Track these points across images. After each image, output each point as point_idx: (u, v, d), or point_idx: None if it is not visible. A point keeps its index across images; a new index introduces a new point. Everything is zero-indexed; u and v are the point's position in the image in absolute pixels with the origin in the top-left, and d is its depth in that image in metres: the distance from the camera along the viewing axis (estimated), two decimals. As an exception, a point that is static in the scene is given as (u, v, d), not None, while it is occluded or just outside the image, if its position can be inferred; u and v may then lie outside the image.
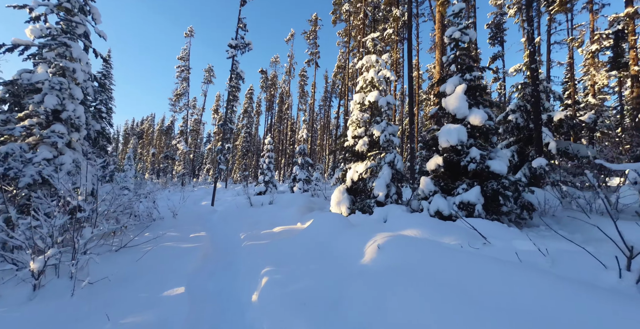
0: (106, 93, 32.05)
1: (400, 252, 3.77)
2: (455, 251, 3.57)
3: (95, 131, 9.84)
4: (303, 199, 11.78)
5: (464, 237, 4.29)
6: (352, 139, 8.19)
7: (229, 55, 15.43)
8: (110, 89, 32.05)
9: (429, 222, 4.93)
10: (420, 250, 3.69)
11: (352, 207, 7.61)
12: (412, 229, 4.71)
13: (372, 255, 3.98)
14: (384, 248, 3.93)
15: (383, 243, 4.04)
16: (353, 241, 4.75)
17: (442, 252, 3.54)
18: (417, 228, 4.70)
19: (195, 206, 15.38)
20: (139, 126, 64.09)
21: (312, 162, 19.61)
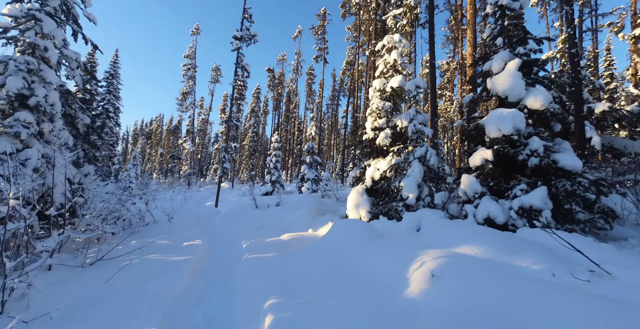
0: (114, 93, 31.44)
1: (469, 284, 2.49)
2: (556, 287, 2.28)
3: (85, 125, 8.76)
4: (313, 200, 10.54)
5: (547, 259, 2.98)
6: (372, 131, 6.91)
7: (233, 47, 14.30)
8: (117, 89, 31.43)
9: (486, 234, 3.63)
10: (500, 283, 2.40)
11: (374, 211, 6.33)
12: (468, 245, 3.41)
13: (423, 285, 2.71)
14: (441, 276, 2.65)
15: (438, 268, 2.77)
16: (387, 260, 3.49)
17: (537, 288, 2.25)
18: (474, 244, 3.41)
19: (198, 207, 14.27)
20: (147, 127, 63.76)
21: (321, 161, 18.35)
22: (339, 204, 11.14)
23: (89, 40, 8.91)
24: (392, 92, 6.85)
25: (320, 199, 11.49)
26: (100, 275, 4.14)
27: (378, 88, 7.04)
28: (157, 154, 53.87)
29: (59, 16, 8.30)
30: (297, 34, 28.47)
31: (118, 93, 30.69)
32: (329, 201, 11.49)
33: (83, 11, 8.56)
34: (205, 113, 42.33)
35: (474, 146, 5.38)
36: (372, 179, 6.58)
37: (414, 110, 5.95)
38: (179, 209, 11.88)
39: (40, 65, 5.54)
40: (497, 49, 5.48)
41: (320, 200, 10.89)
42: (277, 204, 11.02)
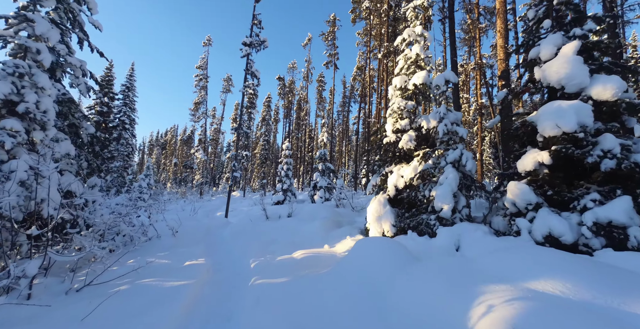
0: (129, 105, 31.79)
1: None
2: None
3: (89, 134, 8.30)
4: (327, 210, 9.71)
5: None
6: (393, 134, 6.09)
7: (243, 53, 13.88)
8: (133, 101, 31.80)
9: (562, 260, 2.71)
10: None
11: (399, 225, 5.45)
12: (544, 278, 2.51)
13: (500, 346, 1.85)
14: (530, 335, 1.79)
15: (519, 318, 1.90)
16: (432, 295, 2.63)
17: None
18: (552, 275, 2.50)
19: (207, 218, 13.64)
20: (162, 137, 64.80)
21: (334, 169, 17.55)
22: (355, 214, 10.26)
23: (95, 47, 8.56)
24: (415, 90, 6.04)
25: (335, 208, 10.64)
26: (80, 308, 3.43)
27: (399, 86, 6.25)
28: (171, 164, 54.37)
29: (64, 24, 8.00)
30: (307, 42, 28.19)
31: (134, 105, 31.04)
32: (344, 210, 10.63)
33: (88, 18, 8.23)
34: (218, 123, 42.47)
35: (519, 148, 4.48)
36: (396, 187, 5.72)
37: (444, 108, 5.11)
38: (186, 221, 11.28)
39: (32, 69, 5.03)
40: (542, 34, 4.62)
41: (334, 210, 10.05)
42: (289, 215, 10.24)
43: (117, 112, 30.36)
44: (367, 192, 6.40)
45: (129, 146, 30.84)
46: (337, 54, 23.44)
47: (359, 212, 10.52)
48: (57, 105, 7.42)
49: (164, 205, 14.33)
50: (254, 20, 13.98)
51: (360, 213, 10.39)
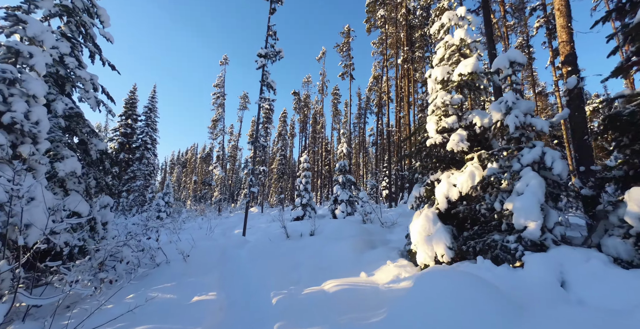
0: (151, 126, 32.34)
1: None
2: None
3: (99, 151, 7.70)
4: (353, 227, 8.52)
5: None
6: (438, 134, 4.98)
7: (258, 65, 13.39)
8: (155, 121, 32.37)
9: None
10: None
11: (458, 247, 4.24)
12: None
13: None
14: None
15: None
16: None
17: None
18: None
19: (224, 237, 12.71)
20: (183, 156, 66.10)
21: (355, 181, 16.40)
22: (386, 231, 9.00)
23: (106, 60, 8.15)
24: (461, 81, 4.97)
25: (362, 225, 9.41)
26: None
27: (440, 78, 5.20)
28: (191, 181, 54.90)
29: (75, 37, 7.65)
30: (321, 56, 27.95)
31: (155, 125, 31.56)
32: (373, 227, 9.38)
33: (99, 30, 7.87)
34: (235, 139, 42.65)
35: (630, 141, 3.27)
36: (448, 199, 4.54)
37: (512, 95, 3.97)
38: (202, 241, 10.38)
39: (23, 74, 4.40)
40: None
41: (362, 226, 8.84)
42: (312, 233, 9.10)
43: (140, 133, 30.89)
44: (410, 205, 5.24)
45: (150, 165, 31.08)
46: (352, 65, 22.86)
47: (389, 228, 9.26)
48: (63, 120, 6.91)
49: (180, 224, 13.61)
50: (268, 32, 13.56)
51: (392, 230, 9.12)
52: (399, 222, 9.42)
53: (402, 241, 7.06)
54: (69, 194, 6.88)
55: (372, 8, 20.17)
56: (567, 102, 5.03)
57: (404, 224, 9.39)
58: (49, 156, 6.62)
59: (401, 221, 9.57)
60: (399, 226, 9.28)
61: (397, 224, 9.33)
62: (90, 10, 7.90)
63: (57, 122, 6.58)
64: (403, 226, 9.23)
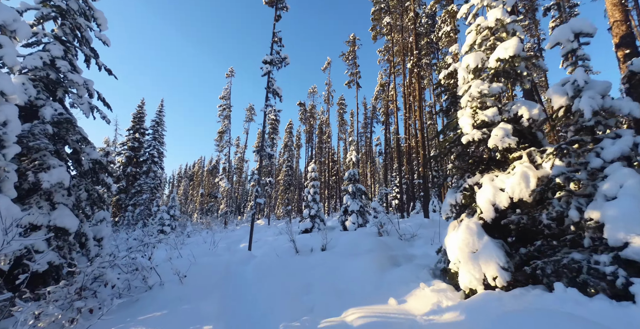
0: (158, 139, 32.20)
1: None
2: None
3: (92, 160, 7.03)
4: (370, 241, 7.59)
5: None
6: (476, 130, 4.16)
7: (263, 72, 12.90)
8: (162, 135, 32.23)
9: None
10: None
11: (516, 268, 3.32)
12: None
13: None
14: None
15: None
16: None
17: None
18: None
19: (229, 252, 11.81)
20: (190, 169, 66.03)
21: (365, 190, 15.48)
22: (406, 244, 8.03)
23: (103, 65, 7.63)
24: (499, 68, 4.19)
25: (377, 238, 8.45)
26: None
27: (473, 66, 4.43)
28: (198, 194, 54.39)
29: (70, 40, 7.17)
30: (326, 66, 27.71)
31: (162, 139, 31.38)
32: (390, 240, 8.40)
33: (95, 33, 7.39)
34: (241, 151, 42.29)
35: None
36: (495, 207, 3.66)
37: (582, 73, 3.15)
38: (204, 257, 9.53)
39: (-10, 68, 3.77)
40: None
41: (378, 239, 7.88)
42: (323, 248, 8.17)
43: (147, 147, 30.69)
44: (444, 215, 4.35)
45: (157, 179, 30.66)
46: (358, 73, 22.43)
47: (409, 241, 8.28)
48: (52, 126, 6.29)
49: (183, 239, 12.78)
50: (274, 38, 13.15)
51: (412, 243, 8.15)
52: (418, 234, 8.44)
53: (428, 257, 6.11)
54: (56, 208, 6.18)
55: (378, 16, 19.87)
56: (628, 91, 4.19)
57: (425, 236, 8.41)
58: (33, 165, 5.97)
59: (421, 232, 8.60)
60: (419, 239, 8.31)
61: (417, 237, 8.36)
62: (87, 13, 7.46)
63: (44, 128, 5.96)
64: (424, 238, 8.25)
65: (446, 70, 10.87)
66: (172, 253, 10.08)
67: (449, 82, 10.81)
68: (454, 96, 10.95)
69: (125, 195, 29.43)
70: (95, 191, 7.06)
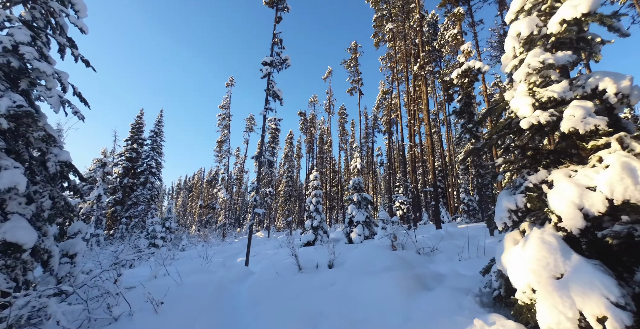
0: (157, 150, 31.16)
1: None
2: None
3: (60, 163, 5.92)
4: (385, 256, 6.39)
5: None
6: (539, 110, 3.12)
7: (263, 73, 12.05)
8: (160, 145, 31.24)
9: None
10: None
11: (638, 305, 2.19)
12: None
13: None
14: None
15: None
16: None
17: None
18: None
19: (224, 268, 10.49)
20: (190, 181, 64.77)
21: (372, 200, 14.31)
22: (426, 260, 6.81)
23: (79, 55, 6.65)
24: (563, 33, 3.19)
25: (392, 252, 7.23)
26: None
27: (526, 33, 3.45)
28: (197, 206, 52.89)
29: (40, 26, 6.24)
30: (327, 75, 27.17)
31: (161, 149, 30.39)
32: (407, 254, 7.18)
33: (69, 17, 6.47)
34: (241, 162, 41.25)
35: None
36: (585, 213, 2.55)
37: None
38: (194, 274, 8.26)
39: None
40: None
41: (393, 254, 6.67)
42: (331, 265, 6.94)
43: (145, 157, 29.65)
44: (500, 225, 3.21)
45: (155, 190, 29.42)
46: (360, 80, 21.77)
47: (429, 256, 7.07)
48: (6, 120, 5.24)
49: (174, 253, 11.49)
50: (274, 39, 12.39)
51: (432, 258, 6.93)
52: (439, 248, 7.24)
53: (461, 277, 4.91)
54: (8, 219, 5.03)
55: (380, 23, 19.38)
56: None
57: (446, 249, 7.21)
58: (-21, 166, 4.86)
59: (441, 246, 7.39)
60: (439, 253, 7.10)
61: (438, 251, 7.15)
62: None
63: (-3, 122, 4.90)
64: (446, 252, 7.05)
65: (459, 69, 10.02)
66: (158, 270, 8.80)
67: (462, 82, 9.94)
68: (468, 96, 10.05)
69: (121, 207, 28.09)
70: (63, 198, 5.91)
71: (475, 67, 9.48)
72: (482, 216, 17.94)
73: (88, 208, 15.89)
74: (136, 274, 8.29)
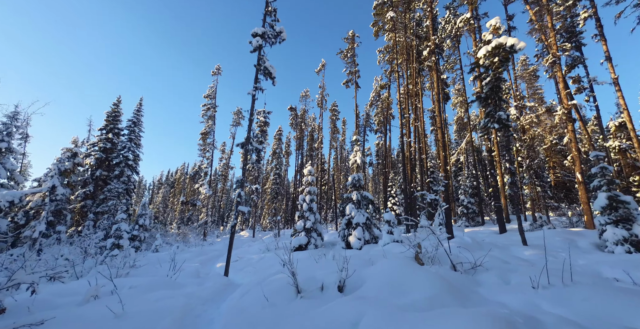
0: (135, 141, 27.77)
1: None
2: None
3: None
4: (421, 277, 4.39)
5: None
6: None
7: (253, 46, 9.82)
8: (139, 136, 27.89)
9: None
10: None
11: None
12: None
13: None
14: None
15: None
16: None
17: None
18: None
19: (197, 279, 8.14)
20: (172, 176, 60.76)
21: (373, 199, 12.34)
22: (471, 281, 4.83)
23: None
24: None
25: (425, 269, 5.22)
26: None
27: None
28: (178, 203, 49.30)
29: None
30: (321, 68, 25.11)
31: (139, 141, 27.15)
32: (443, 271, 5.18)
33: None
34: (227, 157, 38.40)
35: None
36: None
37: None
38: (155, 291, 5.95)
39: None
40: None
41: (430, 273, 4.67)
42: (341, 286, 4.83)
43: (121, 149, 26.36)
44: None
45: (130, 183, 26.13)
46: (357, 72, 19.88)
47: (470, 274, 5.11)
48: None
49: (133, 259, 9.02)
50: (267, 8, 10.19)
51: (476, 278, 4.98)
52: (484, 265, 5.29)
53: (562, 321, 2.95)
54: None
55: (380, 10, 17.56)
56: None
57: (492, 266, 5.28)
58: None
59: (488, 262, 5.44)
60: (484, 271, 5.15)
61: (483, 268, 5.20)
62: None
63: None
64: (493, 271, 5.11)
65: (487, 46, 8.23)
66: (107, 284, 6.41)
67: (491, 61, 8.16)
68: (497, 79, 8.28)
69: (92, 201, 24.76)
70: None
71: (507, 44, 7.71)
72: (482, 219, 16.56)
73: (38, 201, 13.01)
74: (68, 291, 5.87)
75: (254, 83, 9.76)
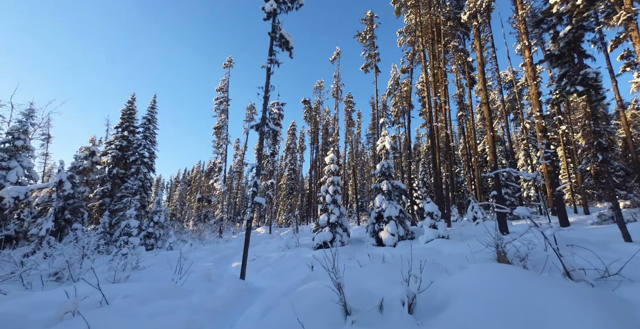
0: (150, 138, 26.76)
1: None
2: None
3: None
4: (553, 295, 2.65)
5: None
6: None
7: (266, 11, 8.19)
8: (154, 133, 26.85)
9: None
10: None
11: None
12: None
13: None
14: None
15: None
16: None
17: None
18: None
19: (208, 283, 6.60)
20: (189, 174, 60.63)
21: (405, 189, 10.51)
22: (620, 302, 3.01)
23: None
24: None
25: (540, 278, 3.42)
26: None
27: None
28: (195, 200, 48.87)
29: None
30: (335, 56, 23.30)
31: (154, 138, 26.15)
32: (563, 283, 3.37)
33: None
34: (241, 154, 37.27)
35: None
36: None
37: None
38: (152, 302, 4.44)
39: None
40: None
41: (563, 287, 2.94)
42: (411, 306, 3.11)
43: (137, 146, 25.46)
44: None
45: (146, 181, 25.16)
46: (377, 55, 17.97)
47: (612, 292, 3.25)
48: None
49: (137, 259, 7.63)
50: (282, -33, 8.50)
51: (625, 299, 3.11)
52: (621, 273, 3.43)
53: None
54: None
55: (403, -16, 15.55)
56: None
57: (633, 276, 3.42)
58: None
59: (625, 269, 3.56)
60: (629, 284, 3.28)
61: (625, 279, 3.34)
62: None
63: None
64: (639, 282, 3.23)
65: (565, -13, 6.24)
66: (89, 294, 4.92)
67: (573, 4, 6.21)
68: (579, 27, 6.31)
69: (110, 199, 24.04)
70: None
71: (594, -19, 5.70)
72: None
73: (45, 197, 11.98)
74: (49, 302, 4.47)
75: (269, 55, 8.14)
